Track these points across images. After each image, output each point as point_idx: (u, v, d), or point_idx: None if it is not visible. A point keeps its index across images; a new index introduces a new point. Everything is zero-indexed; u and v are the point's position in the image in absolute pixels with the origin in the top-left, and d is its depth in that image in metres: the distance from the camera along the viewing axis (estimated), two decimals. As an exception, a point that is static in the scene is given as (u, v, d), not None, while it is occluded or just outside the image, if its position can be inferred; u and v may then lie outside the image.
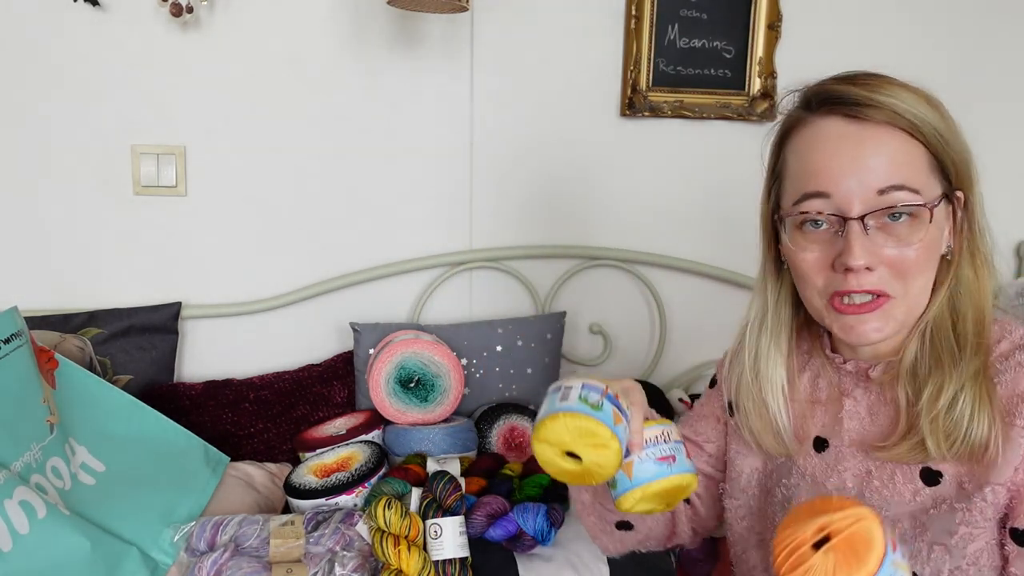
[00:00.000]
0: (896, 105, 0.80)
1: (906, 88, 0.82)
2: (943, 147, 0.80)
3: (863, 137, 0.80)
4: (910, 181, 0.79)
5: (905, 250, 0.79)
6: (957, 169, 0.82)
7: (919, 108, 0.80)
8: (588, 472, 0.78)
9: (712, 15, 1.99)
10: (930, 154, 0.80)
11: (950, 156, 0.81)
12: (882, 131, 0.79)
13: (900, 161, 0.79)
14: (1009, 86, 2.19)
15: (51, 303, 1.79)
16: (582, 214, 2.03)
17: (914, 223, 0.79)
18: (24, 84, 1.73)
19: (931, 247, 0.80)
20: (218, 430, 1.70)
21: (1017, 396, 0.76)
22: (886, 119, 0.79)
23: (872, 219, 0.79)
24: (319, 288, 1.91)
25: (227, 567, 1.20)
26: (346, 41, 1.86)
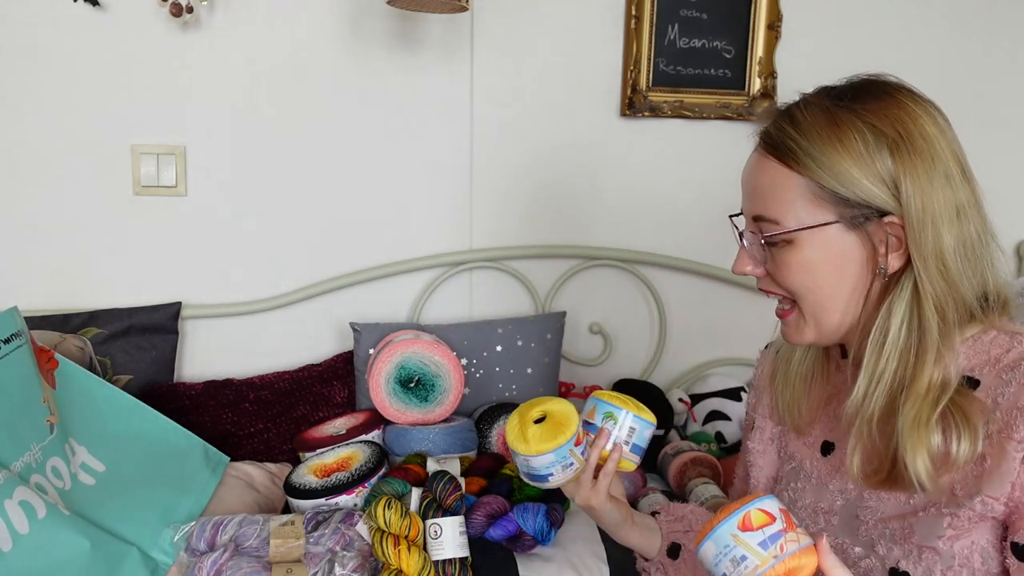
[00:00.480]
0: (784, 137, 0.85)
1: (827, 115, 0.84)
2: (832, 176, 0.81)
3: (754, 167, 0.88)
4: (771, 211, 0.84)
5: (778, 270, 0.86)
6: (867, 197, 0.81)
7: (815, 137, 0.83)
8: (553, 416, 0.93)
9: (712, 15, 1.99)
10: (811, 183, 0.82)
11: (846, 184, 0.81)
12: (767, 163, 0.86)
13: (769, 192, 0.85)
14: (1009, 86, 2.19)
15: (51, 303, 1.79)
16: (582, 214, 2.03)
17: (788, 247, 0.84)
18: (24, 84, 1.73)
19: (811, 270, 0.84)
20: (218, 430, 1.70)
21: (1016, 410, 0.75)
22: (772, 151, 0.86)
23: (748, 238, 0.88)
24: (319, 288, 1.91)
25: (227, 567, 1.20)
26: (346, 41, 1.86)
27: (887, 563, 0.81)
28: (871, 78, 0.89)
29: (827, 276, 0.84)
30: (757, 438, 1.03)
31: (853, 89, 0.87)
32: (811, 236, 0.83)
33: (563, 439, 0.91)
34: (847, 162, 0.81)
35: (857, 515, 0.85)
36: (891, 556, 0.81)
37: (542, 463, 0.92)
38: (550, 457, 0.91)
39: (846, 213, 0.82)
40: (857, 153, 0.81)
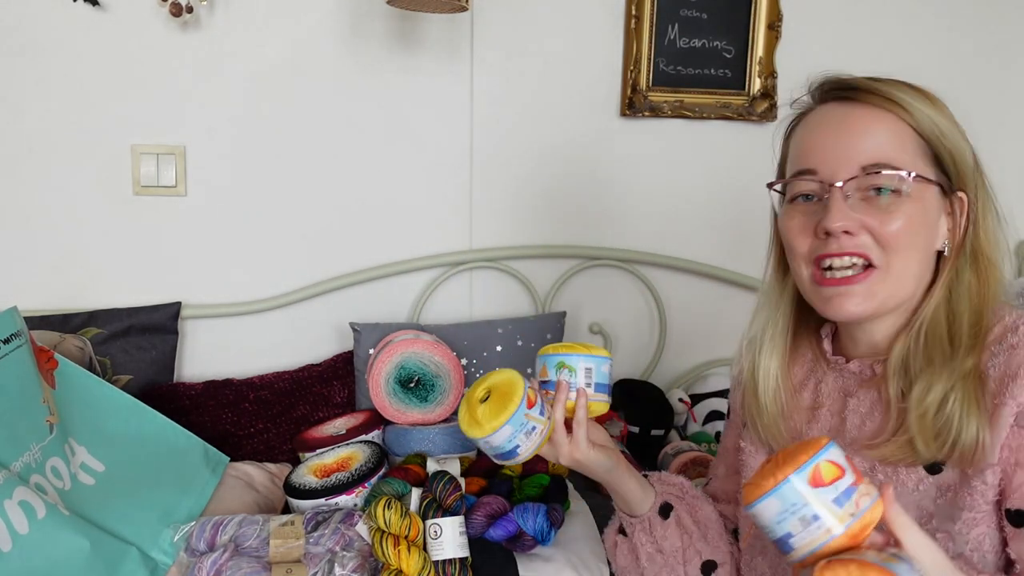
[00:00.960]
0: (890, 92, 0.83)
1: (909, 84, 0.85)
2: (937, 138, 0.82)
3: (853, 117, 0.84)
4: (894, 160, 0.81)
5: (886, 220, 0.81)
6: (956, 165, 0.83)
7: (915, 99, 0.83)
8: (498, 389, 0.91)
9: (712, 15, 1.99)
10: (923, 141, 0.82)
11: (946, 148, 0.83)
12: (873, 112, 0.83)
13: (886, 140, 0.82)
14: (1009, 86, 2.19)
15: (51, 303, 1.79)
16: (582, 214, 2.03)
17: (897, 199, 0.81)
18: (24, 84, 1.73)
19: (915, 225, 0.82)
20: (218, 430, 1.70)
21: (1007, 377, 0.76)
22: (878, 103, 0.83)
23: (854, 188, 0.82)
24: (319, 288, 1.91)
25: (227, 567, 1.20)
26: (346, 41, 1.86)
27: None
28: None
29: (923, 237, 0.83)
30: (749, 437, 1.00)
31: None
32: (922, 191, 0.82)
33: (512, 407, 0.88)
34: (953, 130, 0.83)
35: None
36: None
37: (502, 439, 0.89)
38: (507, 430, 0.88)
39: (943, 180, 0.83)
40: (954, 123, 0.83)
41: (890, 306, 0.84)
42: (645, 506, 1.01)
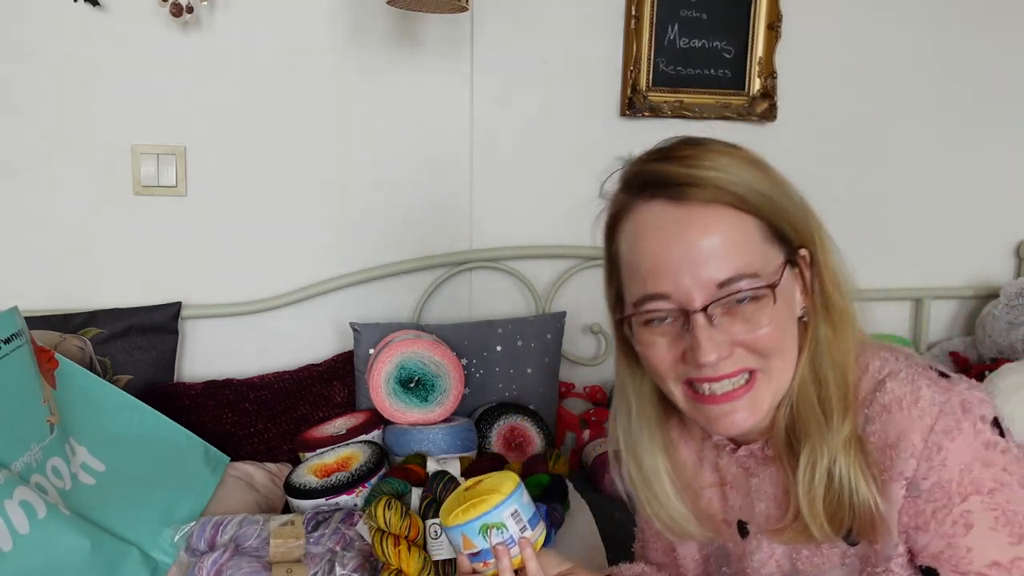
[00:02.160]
0: (719, 179, 0.73)
1: (726, 154, 0.75)
2: (775, 212, 0.75)
3: (690, 222, 0.74)
4: (748, 266, 0.73)
5: (755, 329, 0.75)
6: (796, 229, 0.77)
7: (744, 176, 0.74)
8: None
9: (712, 15, 1.99)
10: (763, 224, 0.75)
11: (785, 219, 0.76)
12: (709, 212, 0.73)
13: (733, 245, 0.73)
14: (1008, 86, 2.19)
15: (51, 303, 1.79)
16: (582, 214, 2.02)
17: (760, 303, 0.74)
18: (24, 84, 1.73)
19: (783, 322, 0.76)
20: (218, 430, 1.70)
21: (888, 448, 0.73)
22: (711, 197, 0.73)
23: (716, 308, 0.74)
24: (319, 288, 1.91)
25: (227, 567, 1.20)
26: (346, 41, 1.86)
27: None
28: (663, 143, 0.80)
29: (789, 321, 0.77)
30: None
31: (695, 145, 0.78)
32: (781, 283, 0.75)
33: None
34: (782, 196, 0.75)
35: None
36: None
37: None
38: None
39: (788, 253, 0.76)
40: (779, 181, 0.76)
41: (779, 400, 0.79)
42: None
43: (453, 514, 0.83)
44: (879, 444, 0.74)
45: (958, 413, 0.72)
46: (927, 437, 0.71)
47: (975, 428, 0.72)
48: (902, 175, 2.18)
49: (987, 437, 0.72)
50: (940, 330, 2.27)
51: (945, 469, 0.71)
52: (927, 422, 0.72)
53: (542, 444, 1.74)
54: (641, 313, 0.77)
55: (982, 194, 2.21)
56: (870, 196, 2.17)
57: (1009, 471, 0.71)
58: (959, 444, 0.71)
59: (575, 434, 1.83)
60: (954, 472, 0.71)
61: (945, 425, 0.71)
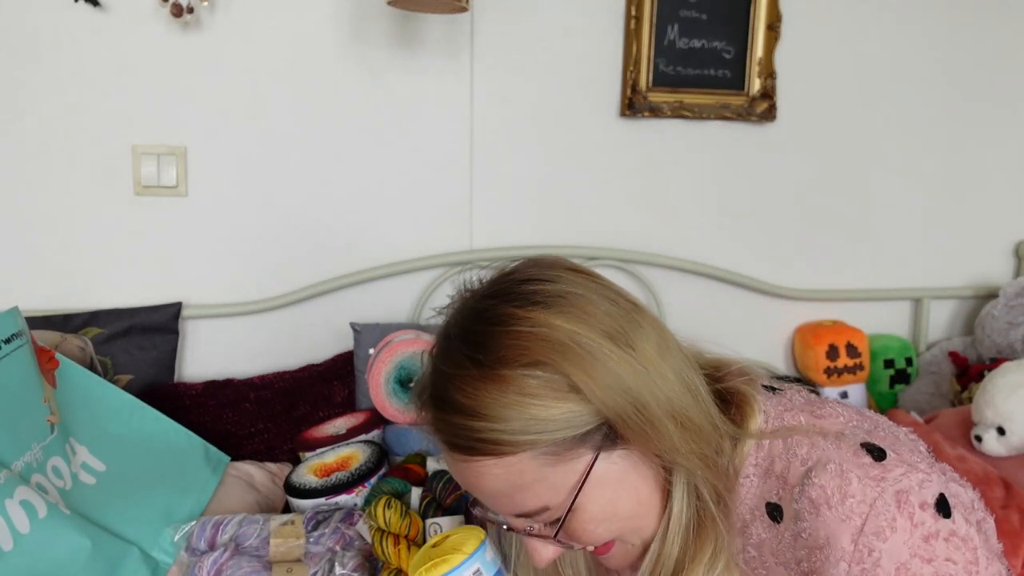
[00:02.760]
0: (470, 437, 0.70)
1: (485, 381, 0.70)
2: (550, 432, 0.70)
3: (473, 476, 0.73)
4: (530, 503, 0.72)
5: (580, 539, 0.75)
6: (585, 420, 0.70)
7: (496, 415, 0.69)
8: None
9: (712, 15, 1.99)
10: (539, 449, 0.70)
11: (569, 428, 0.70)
12: (480, 465, 0.71)
13: (511, 489, 0.72)
14: (1008, 86, 2.19)
15: (52, 303, 1.79)
16: (582, 214, 2.03)
17: (572, 516, 0.72)
18: (24, 84, 1.73)
19: (609, 513, 0.74)
20: (218, 430, 1.70)
21: (818, 550, 0.69)
22: (477, 453, 0.71)
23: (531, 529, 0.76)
24: (319, 288, 1.91)
25: (227, 567, 1.20)
26: (346, 42, 1.86)
27: None
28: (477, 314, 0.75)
29: (626, 504, 0.74)
30: None
31: (471, 340, 0.73)
32: (586, 490, 0.71)
33: None
34: (550, 407, 0.69)
35: None
36: None
37: None
38: None
39: (594, 443, 0.71)
40: (545, 394, 0.69)
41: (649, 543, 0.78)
42: None
43: (418, 572, 0.84)
44: (809, 544, 0.70)
45: (892, 509, 0.67)
46: (857, 540, 0.67)
47: (912, 522, 0.66)
48: (902, 175, 2.18)
49: (927, 528, 0.66)
50: (939, 330, 2.27)
51: (879, 569, 0.66)
52: (856, 523, 0.67)
53: (542, 444, 1.74)
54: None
55: (982, 194, 2.21)
56: (870, 196, 2.17)
57: (954, 560, 0.66)
58: (893, 543, 0.66)
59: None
60: (890, 572, 0.66)
61: (876, 526, 0.67)
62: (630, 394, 0.70)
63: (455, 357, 0.73)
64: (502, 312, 0.73)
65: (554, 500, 0.72)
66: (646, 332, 0.73)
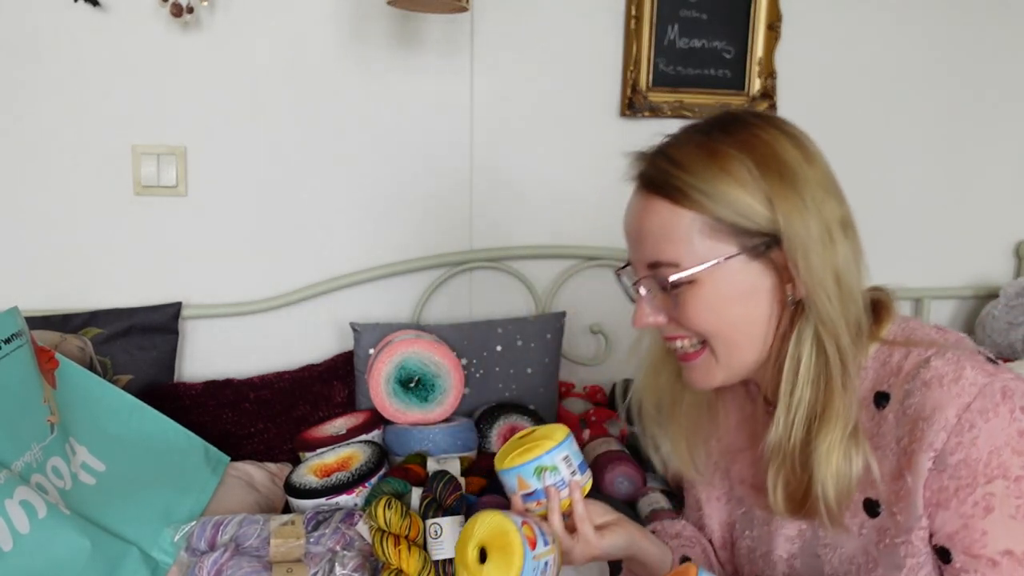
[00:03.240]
0: (664, 176, 0.81)
1: (699, 147, 0.81)
2: (721, 208, 0.78)
3: (640, 211, 0.84)
4: (669, 256, 0.80)
5: (681, 312, 0.82)
6: (759, 223, 0.79)
7: (695, 172, 0.79)
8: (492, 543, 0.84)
9: (712, 15, 1.99)
10: (704, 218, 0.79)
11: (739, 214, 0.78)
12: (654, 204, 0.82)
13: (661, 234, 0.81)
14: (1008, 86, 2.19)
15: (52, 303, 1.79)
16: (582, 214, 2.03)
17: (689, 288, 0.80)
18: (24, 84, 1.73)
19: (714, 307, 0.80)
20: (218, 430, 1.70)
21: (922, 420, 0.74)
22: (655, 190, 0.82)
23: (645, 286, 0.84)
24: (319, 288, 1.91)
25: (227, 567, 1.20)
26: (346, 41, 1.86)
27: None
28: (731, 112, 0.86)
29: (736, 311, 0.81)
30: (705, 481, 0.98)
31: (717, 122, 0.84)
32: (713, 273, 0.79)
33: (518, 560, 0.81)
34: (737, 190, 0.78)
35: (818, 554, 0.84)
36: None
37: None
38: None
39: (746, 243, 0.79)
40: (742, 179, 0.78)
41: (740, 375, 0.85)
42: (663, 567, 0.97)
43: (509, 457, 0.89)
44: (913, 416, 0.75)
45: (997, 397, 0.72)
46: (961, 414, 0.72)
47: (1012, 415, 0.72)
48: (902, 175, 2.18)
49: (1022, 425, 0.72)
50: (940, 330, 2.26)
51: (975, 448, 0.72)
52: (964, 400, 0.73)
53: (542, 444, 1.74)
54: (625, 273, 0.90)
55: (982, 194, 2.21)
56: (870, 196, 2.16)
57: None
58: (993, 426, 0.72)
59: (575, 433, 1.83)
60: (983, 452, 0.72)
61: (982, 405, 0.72)
62: (808, 230, 0.77)
63: (688, 130, 0.85)
64: (748, 118, 0.84)
65: (686, 262, 0.80)
66: (845, 211, 0.83)
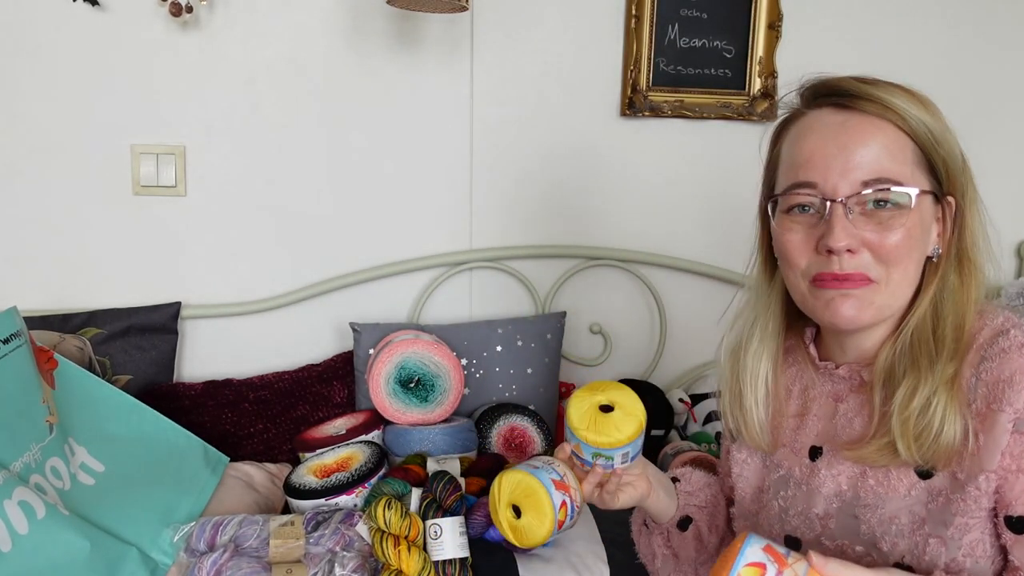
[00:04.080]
0: (886, 99, 0.82)
1: (901, 87, 0.84)
2: (932, 145, 0.82)
3: (850, 126, 0.82)
4: (894, 174, 0.81)
5: (887, 235, 0.80)
6: (948, 171, 0.83)
7: (911, 105, 0.82)
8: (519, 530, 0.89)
9: (712, 15, 1.98)
10: (918, 149, 0.82)
11: (940, 155, 0.83)
12: (870, 122, 0.82)
13: (885, 153, 0.81)
14: (1008, 86, 2.19)
15: (51, 303, 1.79)
16: (582, 214, 2.03)
17: (897, 211, 0.80)
18: (24, 84, 1.73)
19: (914, 237, 0.81)
20: (218, 430, 1.70)
21: (1002, 382, 0.76)
22: (875, 111, 0.82)
23: (855, 203, 0.81)
24: (319, 288, 1.91)
25: (227, 567, 1.20)
26: (346, 41, 1.86)
27: (891, 558, 0.81)
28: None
29: (919, 248, 0.82)
30: (739, 444, 0.99)
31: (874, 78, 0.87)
32: (919, 203, 0.81)
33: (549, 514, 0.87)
34: (950, 136, 0.83)
35: (856, 515, 0.85)
36: (895, 551, 0.81)
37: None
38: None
39: (935, 185, 0.83)
40: (946, 125, 0.83)
41: (885, 315, 0.84)
42: (666, 517, 1.01)
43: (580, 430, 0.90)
44: (992, 379, 0.76)
45: None
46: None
47: None
48: (902, 175, 2.18)
49: None
50: (940, 330, 2.26)
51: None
52: None
53: (542, 444, 1.74)
54: (788, 196, 0.85)
55: (982, 194, 2.20)
56: (870, 196, 2.16)
57: None
58: None
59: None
60: None
61: None
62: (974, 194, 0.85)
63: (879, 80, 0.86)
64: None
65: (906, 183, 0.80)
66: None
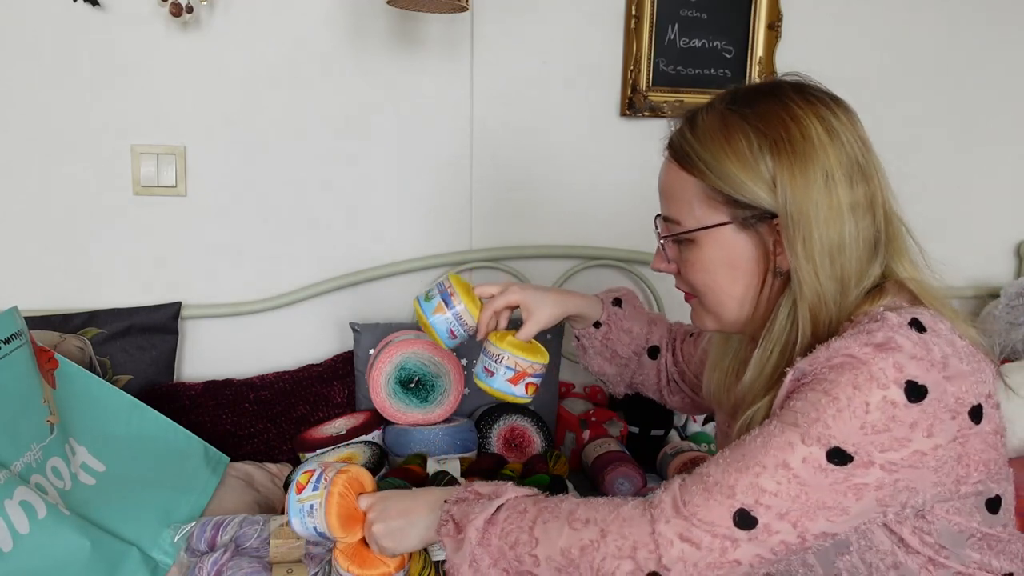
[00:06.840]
0: (680, 142, 0.92)
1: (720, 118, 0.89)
2: (720, 180, 0.87)
3: (662, 168, 0.97)
4: (673, 213, 0.94)
5: (683, 266, 0.95)
6: (755, 198, 0.86)
7: (706, 144, 0.88)
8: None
9: (712, 15, 1.99)
10: (704, 186, 0.89)
11: (735, 187, 0.86)
12: (670, 165, 0.94)
13: (671, 194, 0.94)
14: (1008, 86, 2.19)
15: (51, 303, 1.79)
16: (582, 214, 2.03)
17: (689, 246, 0.92)
18: (24, 84, 1.73)
19: (709, 268, 0.91)
20: (218, 430, 1.70)
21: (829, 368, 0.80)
22: (673, 155, 0.94)
23: (662, 237, 0.97)
24: (319, 288, 1.91)
25: (227, 567, 1.20)
26: (346, 41, 1.86)
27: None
28: (773, 80, 0.94)
29: (722, 274, 0.91)
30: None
31: (751, 92, 0.91)
32: (708, 236, 0.90)
33: None
34: (734, 164, 0.85)
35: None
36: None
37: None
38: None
39: (738, 214, 0.88)
40: (742, 155, 0.85)
41: (729, 327, 0.96)
42: (596, 313, 1.22)
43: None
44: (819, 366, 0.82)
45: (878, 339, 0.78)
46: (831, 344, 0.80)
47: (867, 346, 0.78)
48: (902, 175, 2.17)
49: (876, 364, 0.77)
50: (940, 330, 2.26)
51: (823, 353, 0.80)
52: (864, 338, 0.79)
53: (542, 444, 1.74)
54: None
55: (982, 194, 2.21)
56: (870, 196, 2.16)
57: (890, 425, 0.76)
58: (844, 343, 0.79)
59: (575, 434, 1.83)
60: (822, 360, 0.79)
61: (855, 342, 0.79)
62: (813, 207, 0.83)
63: (723, 97, 0.91)
64: (785, 90, 0.89)
65: (686, 223, 0.91)
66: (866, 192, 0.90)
